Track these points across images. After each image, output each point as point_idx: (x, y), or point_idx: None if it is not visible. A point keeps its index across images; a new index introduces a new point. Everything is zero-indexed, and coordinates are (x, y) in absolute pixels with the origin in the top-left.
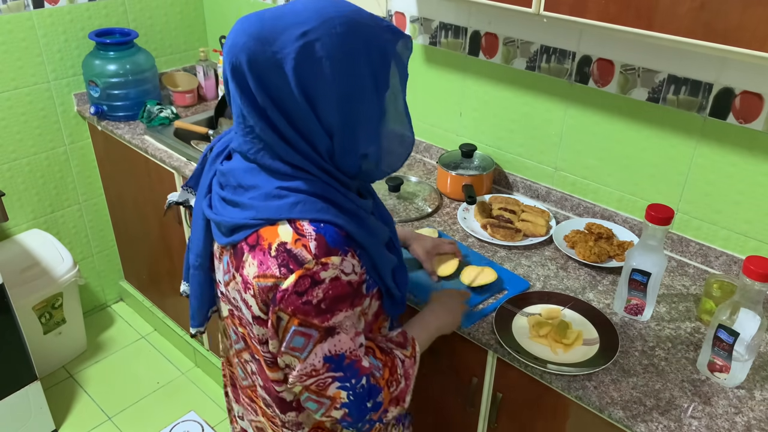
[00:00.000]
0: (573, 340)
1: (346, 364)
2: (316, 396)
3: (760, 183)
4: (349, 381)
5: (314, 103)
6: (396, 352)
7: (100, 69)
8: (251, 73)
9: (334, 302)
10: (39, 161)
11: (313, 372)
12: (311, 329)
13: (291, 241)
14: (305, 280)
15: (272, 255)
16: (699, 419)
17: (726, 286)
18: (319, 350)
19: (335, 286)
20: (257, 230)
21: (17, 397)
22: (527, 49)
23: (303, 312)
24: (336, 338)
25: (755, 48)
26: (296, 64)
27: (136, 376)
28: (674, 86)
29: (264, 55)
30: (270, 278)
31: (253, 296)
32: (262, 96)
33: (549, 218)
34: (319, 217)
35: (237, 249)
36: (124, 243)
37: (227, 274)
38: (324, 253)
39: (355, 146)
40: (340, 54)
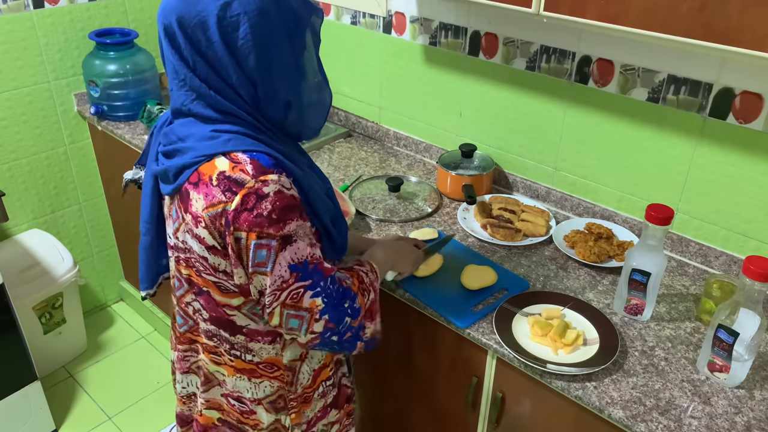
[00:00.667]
0: (573, 340)
1: (311, 269)
2: (294, 311)
3: (760, 183)
4: (319, 285)
5: (236, 55)
6: (356, 268)
7: (100, 69)
8: (180, 31)
9: (284, 212)
10: (39, 161)
11: (283, 284)
12: (269, 239)
13: (229, 169)
14: (250, 198)
15: (214, 185)
16: (699, 419)
17: (726, 286)
18: (282, 259)
19: (280, 198)
20: (197, 168)
21: (17, 397)
22: (527, 49)
23: (257, 225)
24: (294, 246)
25: (755, 48)
26: (218, 20)
27: (136, 376)
28: (674, 86)
29: (190, 15)
30: (218, 205)
31: (205, 227)
32: (191, 51)
33: (549, 218)
34: (251, 148)
35: (182, 192)
36: (124, 243)
37: (176, 222)
38: (261, 172)
39: (276, 94)
40: (255, 11)
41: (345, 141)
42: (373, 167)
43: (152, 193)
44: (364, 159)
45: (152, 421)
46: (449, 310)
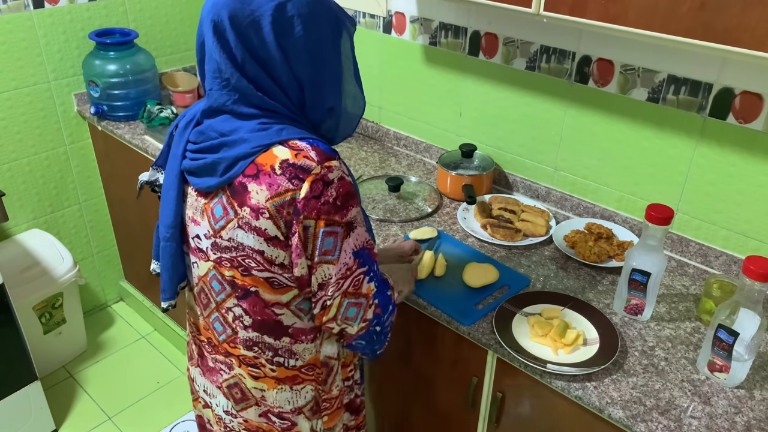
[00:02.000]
0: (573, 340)
1: (367, 253)
2: (354, 299)
3: (760, 183)
4: (372, 270)
5: (288, 56)
6: None
7: (100, 69)
8: (232, 29)
9: (346, 198)
10: (39, 161)
11: (348, 271)
12: (336, 227)
13: (292, 157)
14: (318, 185)
15: (278, 174)
16: (699, 419)
17: (726, 286)
18: (347, 246)
19: (343, 185)
20: (253, 160)
21: (17, 397)
22: (527, 49)
23: (325, 212)
24: (356, 232)
25: (755, 48)
26: (273, 20)
27: (136, 376)
28: (674, 86)
29: (243, 13)
30: (285, 194)
31: (269, 218)
32: (241, 50)
33: (549, 218)
34: (306, 136)
35: (234, 187)
36: (124, 243)
37: (222, 219)
38: (325, 158)
39: (323, 98)
40: (308, 13)
41: (345, 141)
42: (373, 167)
43: (177, 197)
44: (364, 159)
45: (152, 421)
46: (453, 308)
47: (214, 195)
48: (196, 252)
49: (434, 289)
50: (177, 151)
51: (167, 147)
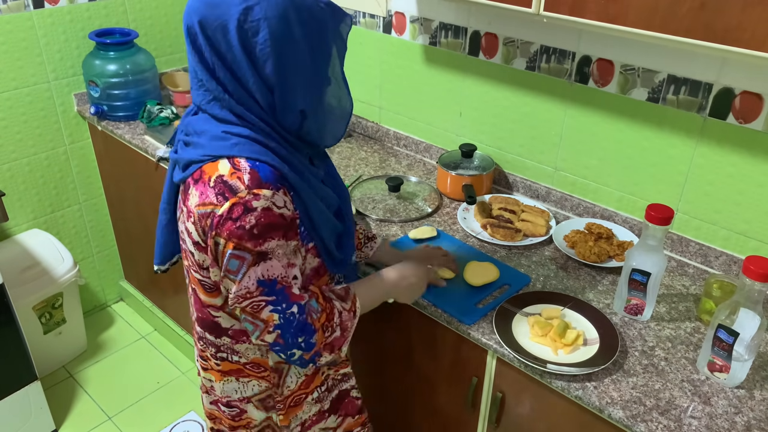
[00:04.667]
0: (573, 340)
1: (278, 288)
2: (251, 318)
3: (760, 183)
4: (281, 305)
5: (254, 61)
6: (335, 302)
7: (100, 69)
8: (201, 34)
9: (266, 229)
10: (39, 161)
11: (248, 294)
12: (244, 252)
13: (228, 174)
14: (238, 207)
15: (211, 186)
16: (699, 419)
17: (726, 286)
18: (252, 273)
19: (267, 215)
20: (201, 166)
21: (17, 397)
22: (527, 49)
23: (237, 236)
24: (268, 263)
25: (755, 48)
26: (238, 24)
27: (136, 376)
28: (674, 86)
29: (211, 17)
30: (208, 206)
31: (194, 223)
32: (210, 54)
33: (549, 218)
34: (256, 157)
35: (185, 184)
36: (124, 243)
37: (179, 211)
38: (256, 185)
39: (293, 102)
40: (276, 17)
41: (345, 141)
42: (373, 167)
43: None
44: (364, 159)
45: (152, 421)
46: (453, 306)
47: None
48: None
49: (434, 288)
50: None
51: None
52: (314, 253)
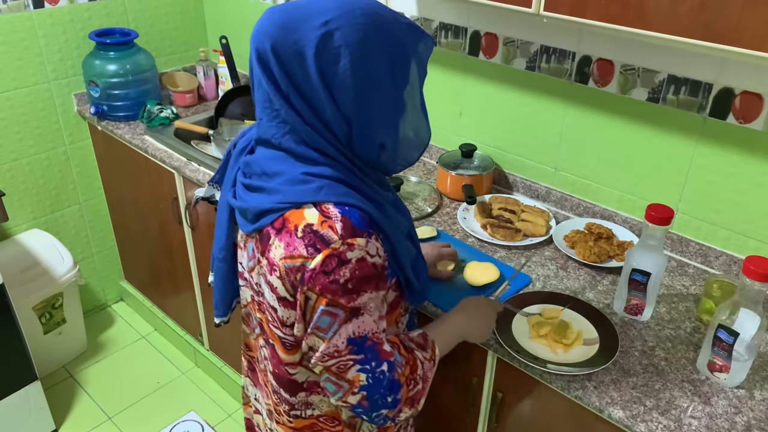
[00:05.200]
0: (573, 340)
1: (368, 345)
2: (335, 378)
3: (760, 183)
4: (369, 363)
5: (332, 91)
6: (417, 353)
7: (100, 69)
8: (275, 60)
9: (360, 282)
10: (39, 161)
11: (336, 353)
12: (338, 309)
13: (317, 223)
14: (332, 260)
15: (299, 236)
16: (699, 419)
17: (726, 286)
18: (343, 331)
19: (361, 267)
20: (283, 214)
21: (17, 397)
22: (527, 49)
23: (330, 291)
24: (360, 319)
25: (755, 48)
26: (316, 51)
27: (136, 376)
28: (674, 86)
29: (286, 43)
30: (297, 258)
31: (279, 278)
32: (285, 82)
33: (549, 218)
34: (344, 201)
35: (263, 234)
36: (124, 243)
37: (251, 260)
38: (350, 234)
39: (372, 135)
40: (359, 43)
41: None
42: None
43: (228, 219)
44: None
45: (152, 421)
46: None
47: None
48: (243, 277)
49: (435, 288)
50: (231, 174)
51: (224, 164)
52: (394, 287)
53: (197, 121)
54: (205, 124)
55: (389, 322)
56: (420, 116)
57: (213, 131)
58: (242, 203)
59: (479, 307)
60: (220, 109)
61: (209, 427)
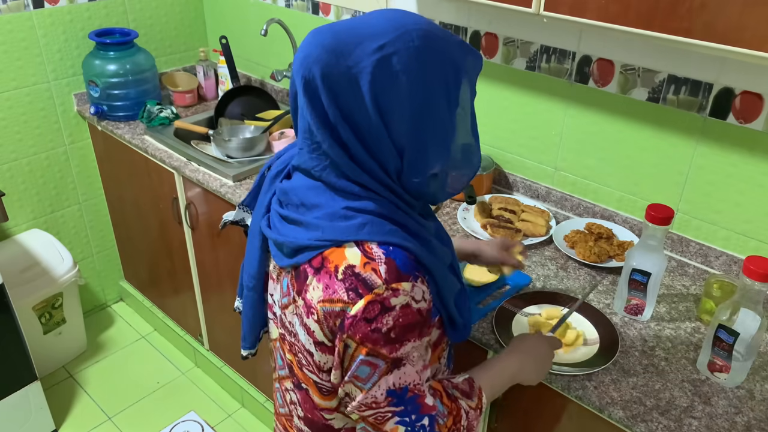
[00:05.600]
0: (573, 341)
1: (409, 397)
2: (372, 429)
3: (760, 183)
4: (409, 416)
5: (387, 119)
6: (461, 402)
7: (100, 69)
8: (324, 87)
9: (404, 331)
10: (39, 161)
11: (374, 404)
12: (378, 359)
13: (360, 265)
14: (375, 306)
15: (339, 278)
16: (699, 419)
17: (726, 286)
18: (383, 382)
19: (405, 314)
20: (322, 252)
21: (17, 397)
22: (527, 49)
23: (372, 341)
24: (402, 370)
25: (755, 48)
26: (372, 78)
27: (136, 376)
28: (674, 86)
29: (338, 69)
30: (337, 303)
31: (317, 321)
32: (334, 111)
33: (549, 218)
34: (388, 240)
35: (299, 271)
36: (124, 243)
37: (286, 297)
38: (395, 278)
39: (425, 165)
40: (417, 68)
41: None
42: None
43: (261, 247)
44: None
45: (152, 421)
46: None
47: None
48: (272, 310)
49: None
50: (264, 199)
51: (257, 187)
52: (437, 326)
53: (197, 121)
54: (204, 124)
55: (431, 359)
56: (471, 140)
57: (213, 131)
58: (278, 236)
59: (536, 347)
60: (219, 109)
61: (209, 427)
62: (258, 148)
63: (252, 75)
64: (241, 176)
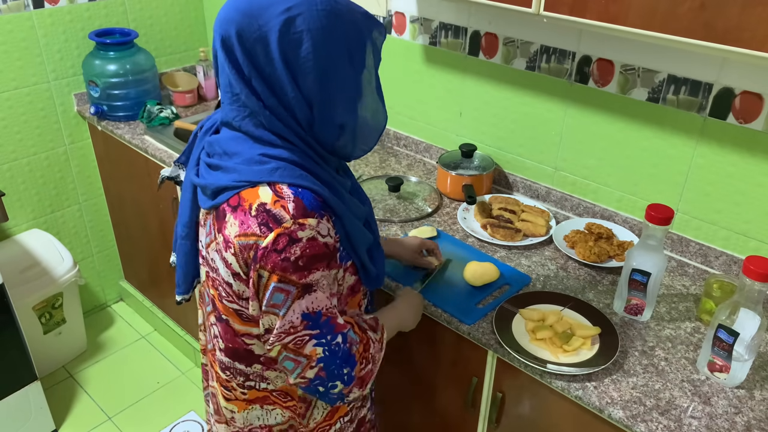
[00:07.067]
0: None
1: (323, 321)
2: (293, 355)
3: (760, 183)
4: (325, 337)
5: (295, 74)
6: (369, 333)
7: (100, 69)
8: (239, 45)
9: (311, 260)
10: (39, 161)
11: (291, 329)
12: (289, 285)
13: (270, 202)
14: (283, 238)
15: (252, 215)
16: (699, 419)
17: (726, 286)
18: (297, 306)
19: (312, 246)
20: (239, 192)
21: (17, 397)
22: (527, 49)
23: (281, 268)
24: (313, 296)
25: (755, 48)
26: (279, 36)
27: (136, 376)
28: (674, 86)
29: (250, 28)
30: (251, 237)
31: (234, 254)
32: (248, 66)
33: (549, 218)
34: (298, 182)
35: (219, 211)
36: (124, 243)
37: (208, 237)
38: (301, 214)
39: (332, 116)
40: (320, 28)
41: None
42: (373, 167)
43: (192, 198)
44: (364, 159)
45: (152, 421)
46: (454, 306)
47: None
48: (201, 255)
49: (435, 288)
50: (195, 154)
51: (190, 145)
52: (352, 271)
53: (197, 121)
54: None
55: (352, 305)
56: (377, 100)
57: None
58: (202, 180)
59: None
60: None
61: None
62: None
63: None
64: None
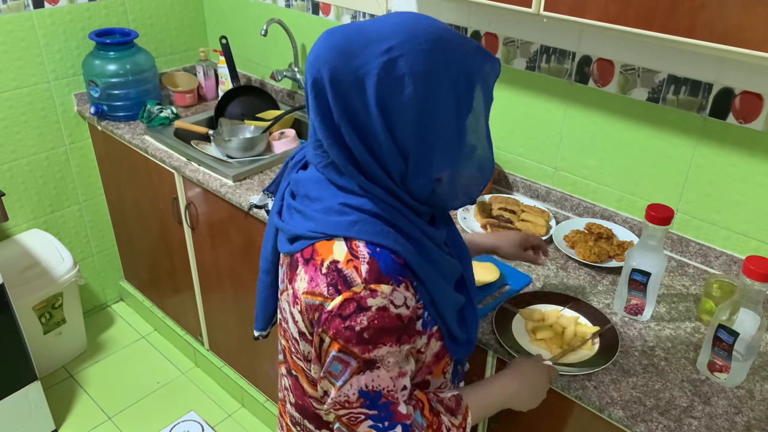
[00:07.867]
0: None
1: (382, 403)
2: (346, 429)
3: (760, 183)
4: (382, 422)
5: (391, 121)
6: (443, 417)
7: (100, 69)
8: (331, 87)
9: (379, 333)
10: (39, 161)
11: (346, 403)
12: (350, 357)
13: (343, 261)
14: (351, 305)
15: (323, 272)
16: (699, 419)
17: (726, 286)
18: (355, 381)
19: (382, 317)
20: (314, 244)
21: (17, 397)
22: (527, 49)
23: (344, 338)
24: (375, 373)
25: (755, 48)
26: (378, 80)
27: (136, 376)
28: (674, 86)
29: (346, 70)
30: (317, 296)
31: (300, 312)
32: (339, 111)
33: (549, 218)
34: (377, 241)
35: (293, 260)
36: (124, 243)
37: (282, 284)
38: (375, 279)
39: (429, 169)
40: (424, 71)
41: None
42: None
43: (275, 233)
44: None
45: (152, 421)
46: None
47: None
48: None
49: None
50: (282, 188)
51: (280, 175)
52: (437, 336)
53: (197, 121)
54: (205, 124)
55: (436, 372)
56: (484, 147)
57: (213, 131)
58: (281, 224)
59: (534, 373)
60: (220, 109)
61: (209, 427)
62: (258, 148)
63: (252, 75)
64: (241, 176)
